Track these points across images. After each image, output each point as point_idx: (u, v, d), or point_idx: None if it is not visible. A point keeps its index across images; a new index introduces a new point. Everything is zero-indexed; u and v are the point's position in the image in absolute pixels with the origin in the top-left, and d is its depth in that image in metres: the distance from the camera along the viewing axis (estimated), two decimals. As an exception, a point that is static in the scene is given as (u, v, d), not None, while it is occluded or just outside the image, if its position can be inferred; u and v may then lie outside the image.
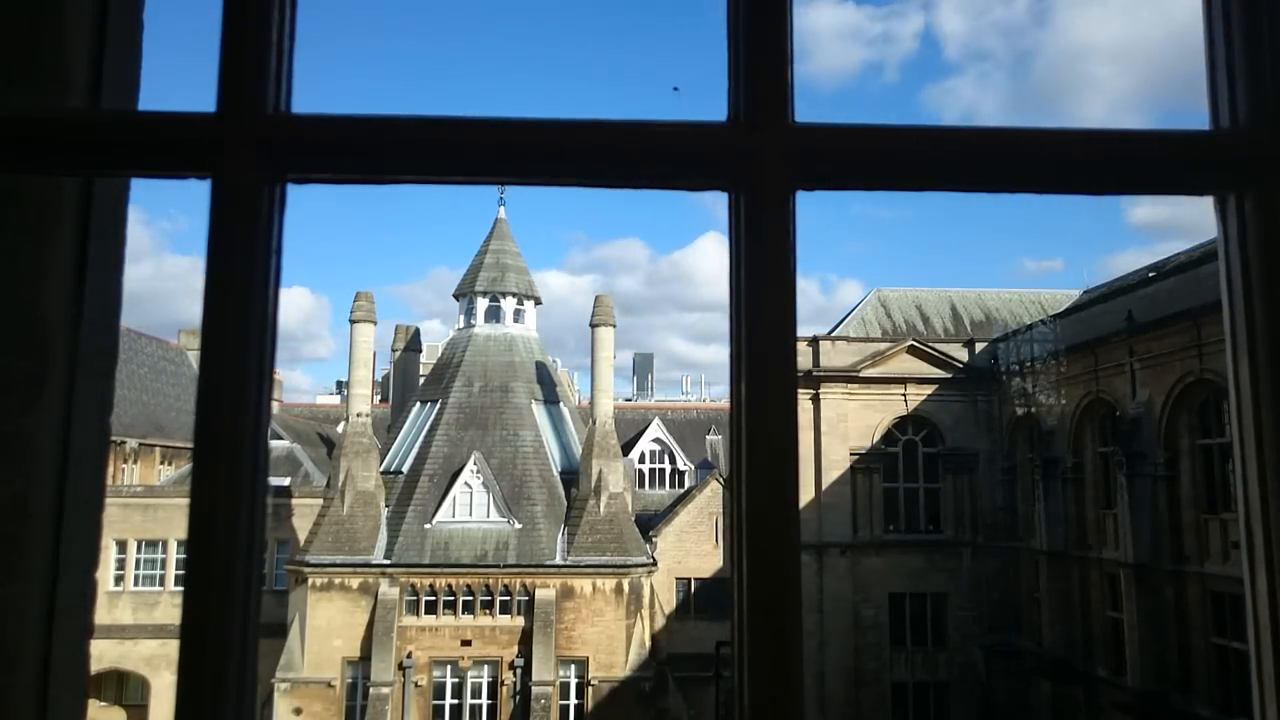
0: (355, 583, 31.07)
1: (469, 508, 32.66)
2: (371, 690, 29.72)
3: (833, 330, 37.47)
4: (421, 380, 40.32)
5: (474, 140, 1.11)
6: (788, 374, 1.05)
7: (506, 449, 34.38)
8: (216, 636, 0.99)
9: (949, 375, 33.56)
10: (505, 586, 31.35)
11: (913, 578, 32.59)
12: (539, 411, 36.12)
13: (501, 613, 31.18)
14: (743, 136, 1.08)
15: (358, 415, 33.34)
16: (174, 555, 34.25)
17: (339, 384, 68.57)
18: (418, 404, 36.99)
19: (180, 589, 1.03)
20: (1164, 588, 23.67)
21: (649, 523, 37.46)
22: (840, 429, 32.78)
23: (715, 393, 76.48)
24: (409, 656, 30.36)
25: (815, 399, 32.67)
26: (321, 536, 31.62)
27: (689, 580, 37.23)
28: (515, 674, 30.68)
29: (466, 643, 30.98)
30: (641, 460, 46.05)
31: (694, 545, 37.43)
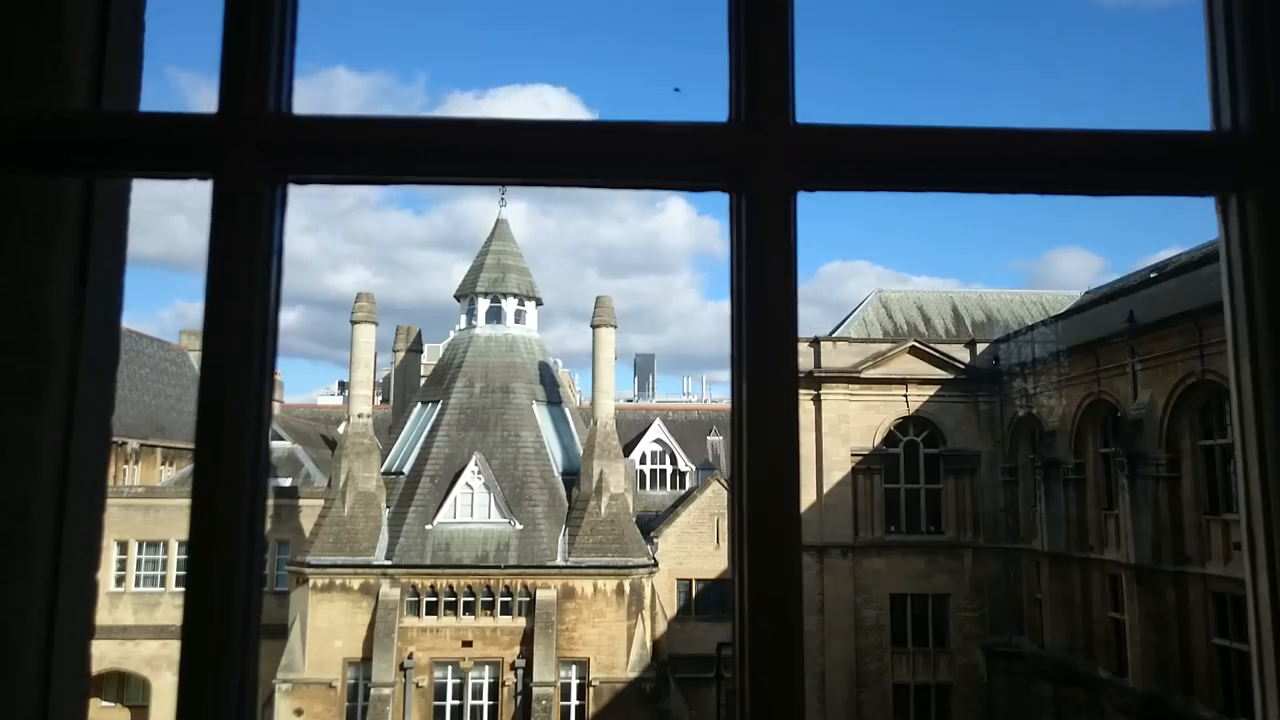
0: (356, 584, 31.09)
1: (470, 508, 32.67)
2: (373, 691, 29.73)
3: (834, 331, 37.47)
4: (423, 381, 40.35)
5: (475, 141, 1.11)
6: (789, 375, 1.05)
7: (508, 450, 34.39)
8: (217, 637, 0.99)
9: (950, 376, 33.54)
10: (506, 587, 31.36)
11: (914, 579, 32.57)
12: (540, 412, 36.13)
13: (502, 614, 31.19)
14: (744, 137, 1.08)
15: (359, 416, 33.37)
16: (175, 556, 34.27)
17: (340, 385, 68.59)
18: (419, 405, 37.01)
19: (181, 590, 1.03)
20: (1165, 589, 23.65)
21: (650, 524, 37.46)
22: (841, 430, 32.77)
23: (716, 393, 76.47)
24: (410, 657, 30.37)
25: (816, 400, 32.66)
26: (322, 537, 31.64)
27: (690, 581, 37.23)
28: (516, 675, 30.68)
29: (468, 644, 30.98)
30: (643, 461, 46.05)
31: (695, 546, 37.43)
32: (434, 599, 31.24)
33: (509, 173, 1.16)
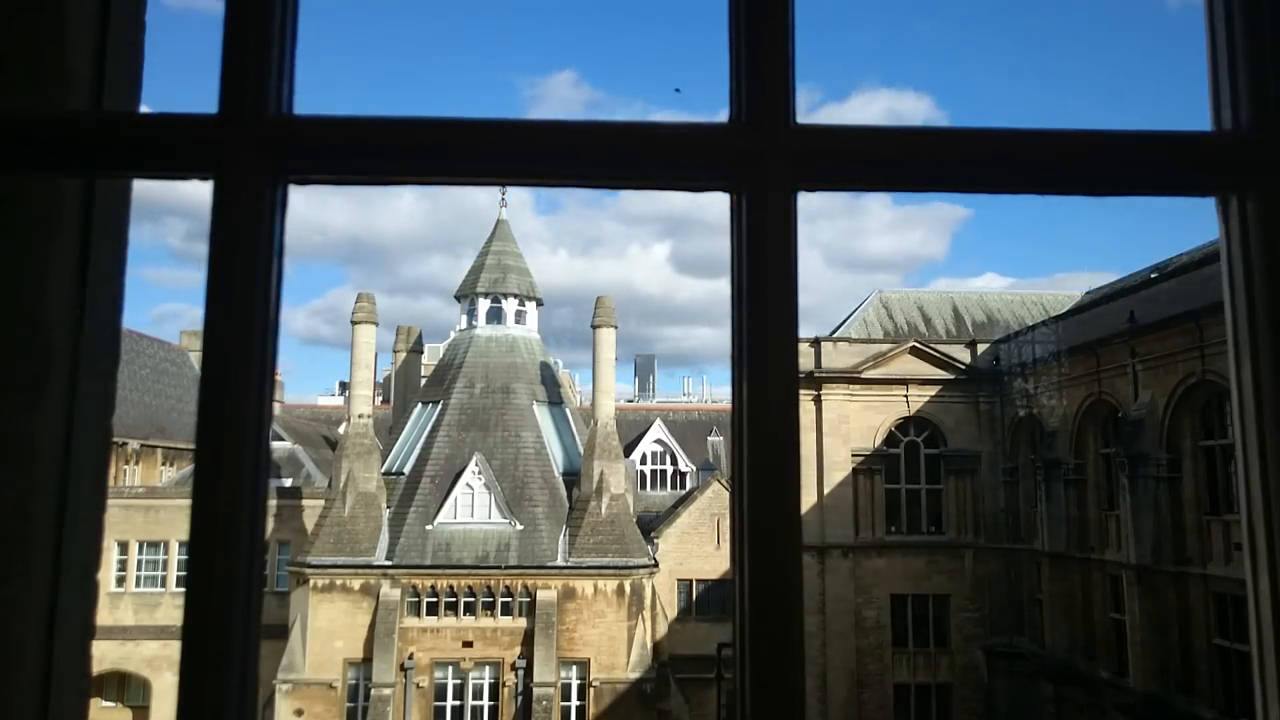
0: (357, 584, 31.09)
1: (470, 509, 32.67)
2: (373, 691, 29.73)
3: (834, 331, 37.47)
4: (423, 381, 40.36)
5: (475, 141, 1.11)
6: (789, 375, 1.05)
7: (508, 450, 34.39)
8: (218, 638, 0.99)
9: (951, 376, 33.53)
10: (507, 588, 31.35)
11: (915, 579, 32.57)
12: (540, 412, 36.13)
13: (503, 614, 31.19)
14: (744, 138, 1.08)
15: (359, 416, 33.37)
16: (175, 556, 34.27)
17: (341, 385, 68.61)
18: (419, 405, 37.01)
19: (182, 590, 1.04)
20: (1166, 589, 23.64)
21: (650, 524, 37.46)
22: (842, 430, 32.77)
23: (717, 394, 76.48)
24: (410, 658, 30.37)
25: (817, 400, 32.66)
26: (323, 538, 31.64)
27: (691, 582, 37.24)
28: (517, 675, 30.68)
29: (468, 644, 30.98)
30: (643, 461, 46.06)
31: (696, 547, 37.43)
32: (434, 599, 31.24)
33: (509, 172, 1.16)
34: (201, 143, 1.08)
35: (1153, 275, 28.96)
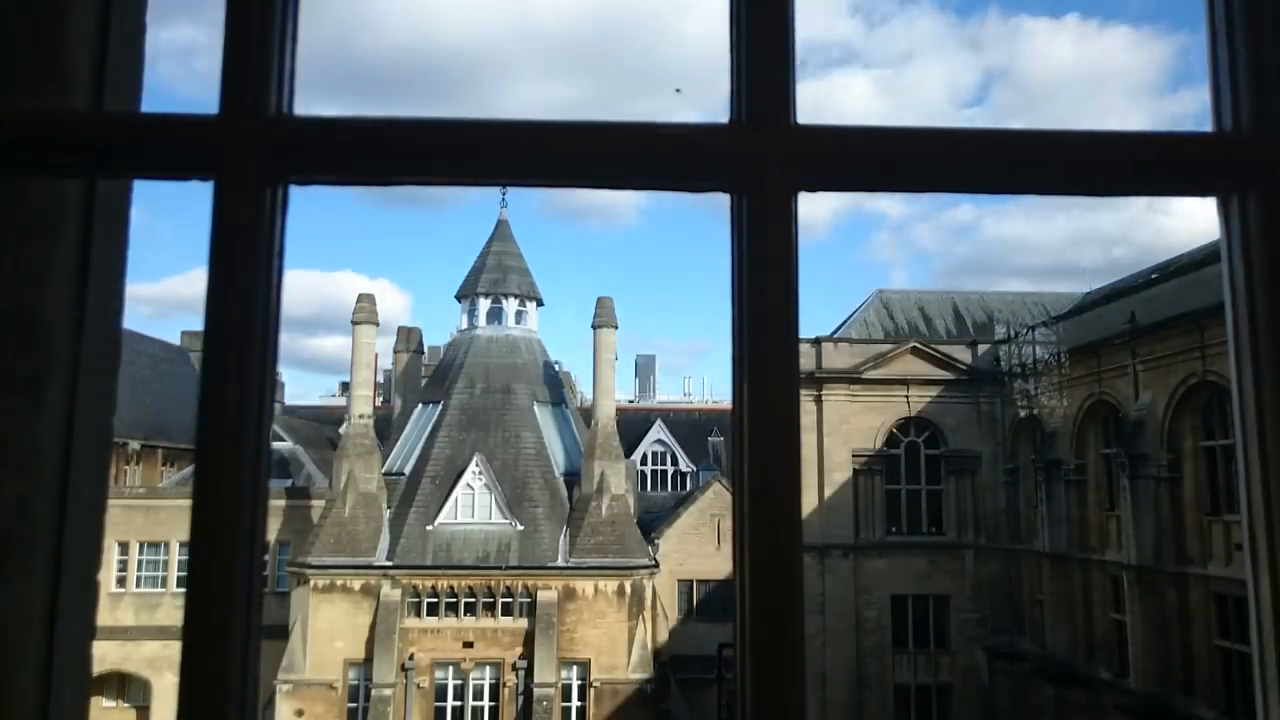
0: (357, 584, 31.10)
1: (471, 509, 32.68)
2: (374, 692, 29.74)
3: (835, 332, 37.46)
4: (424, 382, 40.36)
5: (476, 142, 1.11)
6: (790, 376, 1.05)
7: (508, 450, 34.40)
8: (218, 638, 0.99)
9: (952, 377, 33.53)
10: (507, 588, 31.36)
11: (915, 580, 32.56)
12: (541, 413, 36.14)
13: (503, 614, 31.20)
14: (745, 138, 1.08)
15: (360, 417, 33.39)
16: (176, 557, 34.30)
17: (341, 385, 68.57)
18: (420, 405, 37.02)
19: (182, 590, 1.04)
20: (1167, 590, 23.64)
21: (651, 524, 37.47)
22: (843, 431, 32.76)
23: (718, 394, 76.47)
24: (411, 658, 30.38)
25: (818, 401, 32.66)
26: (323, 538, 31.65)
27: (691, 582, 37.26)
28: (517, 676, 30.69)
29: (469, 644, 30.99)
30: (644, 462, 46.07)
31: (696, 547, 37.44)
32: (435, 600, 31.24)
33: (509, 173, 1.16)
34: (202, 144, 1.08)
35: (1154, 276, 28.97)
